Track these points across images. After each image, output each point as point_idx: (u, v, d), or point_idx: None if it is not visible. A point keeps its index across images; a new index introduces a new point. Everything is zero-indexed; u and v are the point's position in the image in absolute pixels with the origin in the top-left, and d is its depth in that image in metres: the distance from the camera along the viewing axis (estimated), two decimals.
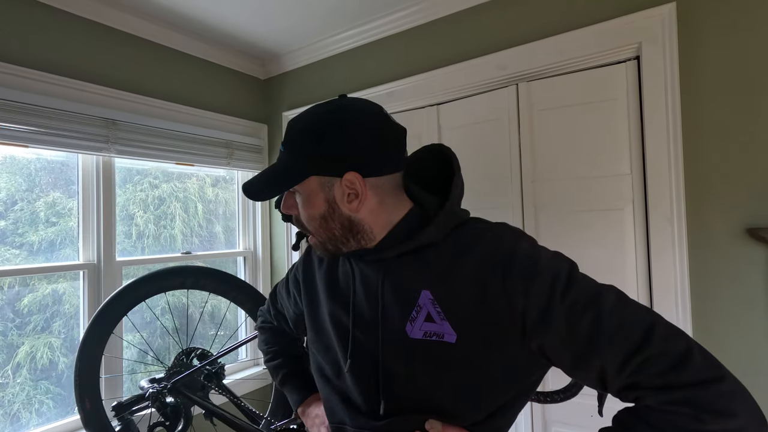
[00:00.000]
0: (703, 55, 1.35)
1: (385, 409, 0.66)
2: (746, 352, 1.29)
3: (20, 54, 1.62)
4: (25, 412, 1.67)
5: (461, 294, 0.62)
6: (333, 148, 0.64)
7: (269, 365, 1.00)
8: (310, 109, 0.69)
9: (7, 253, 1.65)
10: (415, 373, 0.64)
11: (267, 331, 1.04)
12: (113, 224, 1.90)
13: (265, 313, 1.06)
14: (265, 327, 1.05)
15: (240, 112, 2.45)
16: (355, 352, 0.70)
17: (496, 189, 1.75)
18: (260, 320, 1.07)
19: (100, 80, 1.84)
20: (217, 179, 2.44)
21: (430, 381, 0.63)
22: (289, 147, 0.69)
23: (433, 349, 0.62)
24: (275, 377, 0.98)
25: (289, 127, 0.70)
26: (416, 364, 0.64)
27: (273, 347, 1.01)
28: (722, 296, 1.33)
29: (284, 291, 0.97)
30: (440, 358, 0.62)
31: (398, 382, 0.66)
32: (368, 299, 0.70)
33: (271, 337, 1.03)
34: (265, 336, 1.04)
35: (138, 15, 1.93)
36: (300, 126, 0.68)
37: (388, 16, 1.99)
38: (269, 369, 1.00)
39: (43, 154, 1.76)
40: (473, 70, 1.79)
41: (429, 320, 0.63)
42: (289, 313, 0.97)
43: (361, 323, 0.70)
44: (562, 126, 1.63)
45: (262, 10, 1.95)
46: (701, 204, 1.35)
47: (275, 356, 0.99)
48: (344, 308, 0.73)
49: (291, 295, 0.93)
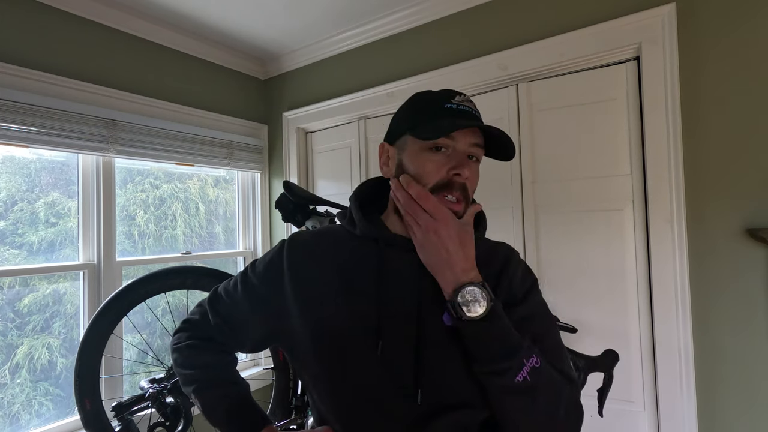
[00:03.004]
0: (703, 55, 1.35)
1: (423, 398, 0.67)
2: (746, 352, 1.29)
3: (20, 54, 1.62)
4: (25, 413, 1.67)
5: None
6: None
7: (204, 395, 0.76)
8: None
9: (6, 254, 1.65)
10: (450, 359, 0.68)
11: (197, 349, 0.80)
12: (113, 224, 1.90)
13: (199, 325, 0.82)
14: (196, 345, 0.81)
15: (240, 112, 2.45)
16: (390, 342, 0.68)
17: (496, 189, 1.75)
18: (187, 334, 0.82)
19: (100, 80, 1.84)
20: (218, 179, 2.44)
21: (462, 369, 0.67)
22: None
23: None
24: (212, 410, 0.75)
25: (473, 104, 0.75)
26: (451, 351, 0.67)
27: (210, 371, 0.78)
28: (722, 296, 1.33)
29: (241, 294, 0.79)
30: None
31: (435, 370, 0.67)
32: (404, 287, 0.70)
33: (204, 356, 0.79)
34: (193, 354, 0.80)
35: (138, 15, 1.93)
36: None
37: (388, 16, 1.99)
38: (203, 400, 0.76)
39: (43, 155, 1.75)
40: (473, 70, 1.79)
41: None
42: (242, 321, 0.78)
43: (396, 312, 0.69)
44: (562, 126, 1.63)
45: (263, 11, 1.95)
46: (701, 204, 1.35)
47: (215, 381, 0.77)
48: (370, 300, 0.70)
49: (257, 299, 0.77)
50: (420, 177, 0.70)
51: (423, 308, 0.69)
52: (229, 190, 2.50)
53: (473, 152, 0.71)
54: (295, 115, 2.42)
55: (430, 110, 0.71)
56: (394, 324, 0.69)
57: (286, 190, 1.56)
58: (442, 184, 0.69)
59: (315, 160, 2.44)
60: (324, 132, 2.40)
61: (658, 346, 1.42)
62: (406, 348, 0.68)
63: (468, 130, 0.69)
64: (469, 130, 0.69)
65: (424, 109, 0.73)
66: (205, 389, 0.77)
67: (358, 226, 0.76)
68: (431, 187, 0.69)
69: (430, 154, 0.70)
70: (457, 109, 0.70)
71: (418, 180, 0.70)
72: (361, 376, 0.69)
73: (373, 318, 0.69)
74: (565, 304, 1.62)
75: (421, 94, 0.76)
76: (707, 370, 1.35)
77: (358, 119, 2.22)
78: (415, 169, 0.71)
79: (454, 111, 0.70)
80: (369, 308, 0.70)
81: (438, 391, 0.67)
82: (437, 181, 0.69)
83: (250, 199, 2.55)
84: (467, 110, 0.71)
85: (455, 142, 0.69)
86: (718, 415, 1.33)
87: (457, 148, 0.69)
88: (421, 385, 0.67)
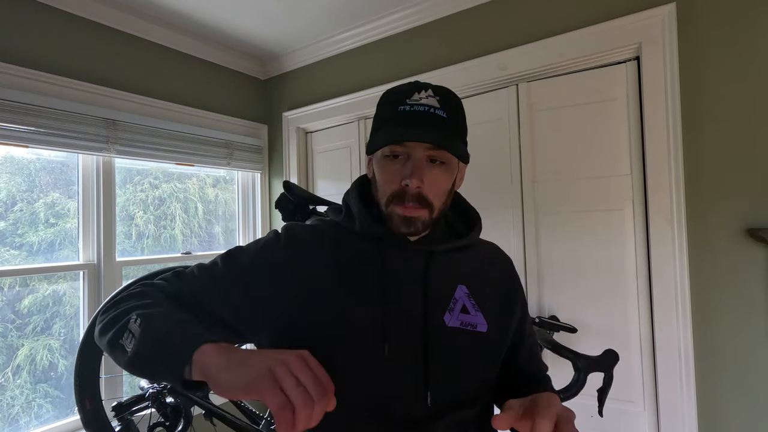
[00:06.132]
0: (703, 55, 1.35)
1: (432, 400, 0.65)
2: (746, 352, 1.29)
3: (20, 54, 1.62)
4: (24, 415, 1.67)
5: (490, 292, 0.74)
6: (467, 133, 0.72)
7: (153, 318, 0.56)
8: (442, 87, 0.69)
9: (6, 254, 1.65)
10: (454, 360, 0.68)
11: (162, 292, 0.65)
12: (113, 224, 1.90)
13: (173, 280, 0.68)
14: (163, 287, 0.66)
15: (240, 112, 2.45)
16: (396, 344, 0.65)
17: (497, 189, 1.75)
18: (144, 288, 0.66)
19: (101, 80, 1.84)
20: (218, 179, 2.44)
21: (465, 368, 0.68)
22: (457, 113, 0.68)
23: (468, 338, 0.69)
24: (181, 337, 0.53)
25: (449, 94, 0.68)
26: (455, 352, 0.68)
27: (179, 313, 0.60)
28: (722, 296, 1.33)
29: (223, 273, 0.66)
30: (473, 347, 0.69)
31: (442, 371, 0.66)
32: (408, 287, 0.68)
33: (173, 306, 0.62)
34: (156, 289, 0.65)
35: (138, 15, 1.93)
36: (458, 101, 0.70)
37: (388, 16, 1.99)
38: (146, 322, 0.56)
39: (43, 154, 1.75)
40: (473, 70, 1.79)
41: (464, 311, 0.70)
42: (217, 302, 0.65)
43: (401, 313, 0.66)
44: (562, 126, 1.63)
45: (263, 11, 1.95)
46: (701, 204, 1.36)
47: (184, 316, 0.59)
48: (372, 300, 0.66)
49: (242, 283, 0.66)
50: (379, 186, 0.68)
51: (429, 309, 0.68)
52: (228, 191, 2.50)
53: (432, 156, 0.65)
54: (295, 115, 2.42)
55: (386, 114, 0.68)
56: (400, 326, 0.66)
57: (286, 190, 1.56)
58: (395, 195, 0.66)
59: (315, 160, 2.44)
60: (324, 132, 2.40)
61: (658, 346, 1.42)
62: (414, 350, 0.65)
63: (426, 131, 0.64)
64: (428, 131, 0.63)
65: (379, 115, 0.70)
66: (159, 314, 0.57)
67: (360, 222, 0.71)
68: (387, 198, 0.67)
69: (386, 162, 0.66)
70: (410, 111, 0.64)
71: (378, 189, 0.69)
72: (365, 379, 0.64)
73: (377, 319, 0.65)
74: (565, 304, 1.62)
75: (386, 94, 0.70)
76: (707, 370, 1.35)
77: (358, 119, 2.22)
78: (378, 178, 0.69)
79: (406, 115, 0.64)
80: (372, 309, 0.66)
81: (444, 391, 0.66)
82: (391, 191, 0.66)
83: (250, 199, 2.55)
84: (422, 111, 0.64)
85: (406, 149, 0.64)
86: (718, 415, 1.33)
87: (413, 155, 0.64)
88: (430, 387, 0.65)
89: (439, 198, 0.68)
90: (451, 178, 0.69)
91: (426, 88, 0.67)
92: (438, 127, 0.64)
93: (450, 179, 0.69)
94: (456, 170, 0.70)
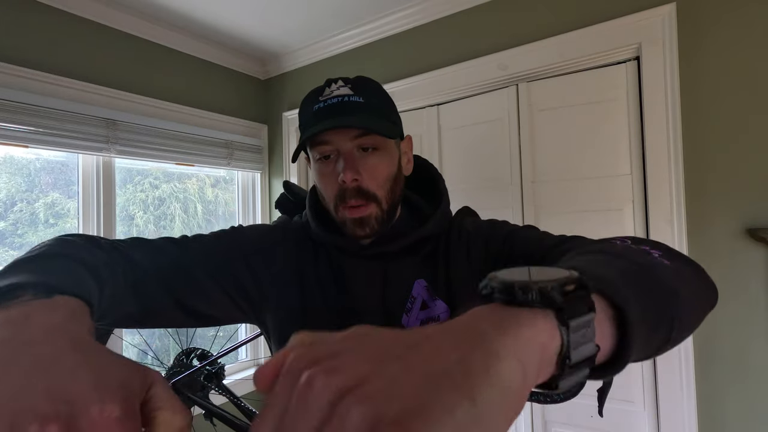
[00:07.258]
0: (703, 55, 1.35)
1: None
2: (746, 352, 1.29)
3: (21, 54, 1.62)
4: None
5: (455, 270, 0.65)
6: (396, 113, 0.69)
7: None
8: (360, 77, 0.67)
9: (6, 254, 1.65)
10: None
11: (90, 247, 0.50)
12: (113, 224, 1.90)
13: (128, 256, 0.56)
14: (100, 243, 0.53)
15: (240, 112, 2.45)
16: None
17: (496, 189, 1.75)
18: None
19: (100, 80, 1.84)
20: (217, 180, 2.44)
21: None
22: (376, 96, 0.64)
23: None
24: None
25: (363, 79, 0.65)
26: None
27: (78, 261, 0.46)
28: (722, 296, 1.32)
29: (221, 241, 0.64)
30: None
31: None
32: (367, 297, 0.65)
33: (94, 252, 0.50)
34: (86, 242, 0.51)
35: (138, 15, 1.93)
36: (376, 84, 0.66)
37: (388, 16, 1.99)
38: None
39: (43, 155, 1.75)
40: (473, 70, 1.79)
41: (423, 308, 0.64)
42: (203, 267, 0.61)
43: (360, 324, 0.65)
44: (562, 126, 1.63)
45: (263, 11, 1.95)
46: (701, 204, 1.36)
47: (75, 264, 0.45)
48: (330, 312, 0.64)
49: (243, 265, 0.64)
50: (323, 194, 0.64)
51: (389, 316, 0.64)
52: (228, 191, 2.50)
53: (361, 144, 0.61)
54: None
55: (304, 118, 0.65)
56: None
57: (286, 190, 1.55)
58: (337, 197, 0.61)
59: None
60: None
61: None
62: None
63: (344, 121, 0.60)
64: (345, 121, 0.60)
65: (300, 120, 0.67)
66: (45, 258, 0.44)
67: (312, 228, 0.68)
68: (333, 203, 0.63)
69: (320, 166, 0.63)
70: (324, 106, 0.61)
71: (323, 197, 0.64)
72: None
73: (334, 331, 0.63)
74: None
75: (303, 100, 0.67)
76: (707, 370, 1.35)
77: None
78: (318, 185, 0.65)
79: (320, 111, 0.62)
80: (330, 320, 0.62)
81: None
82: (333, 194, 0.62)
83: (250, 199, 2.55)
84: (336, 102, 0.61)
85: (332, 145, 0.60)
86: (718, 415, 1.33)
87: (342, 149, 0.61)
88: None
89: (382, 187, 0.62)
90: (392, 163, 0.64)
91: (336, 81, 0.64)
92: (355, 111, 0.61)
93: (390, 164, 0.64)
94: (396, 153, 0.65)
